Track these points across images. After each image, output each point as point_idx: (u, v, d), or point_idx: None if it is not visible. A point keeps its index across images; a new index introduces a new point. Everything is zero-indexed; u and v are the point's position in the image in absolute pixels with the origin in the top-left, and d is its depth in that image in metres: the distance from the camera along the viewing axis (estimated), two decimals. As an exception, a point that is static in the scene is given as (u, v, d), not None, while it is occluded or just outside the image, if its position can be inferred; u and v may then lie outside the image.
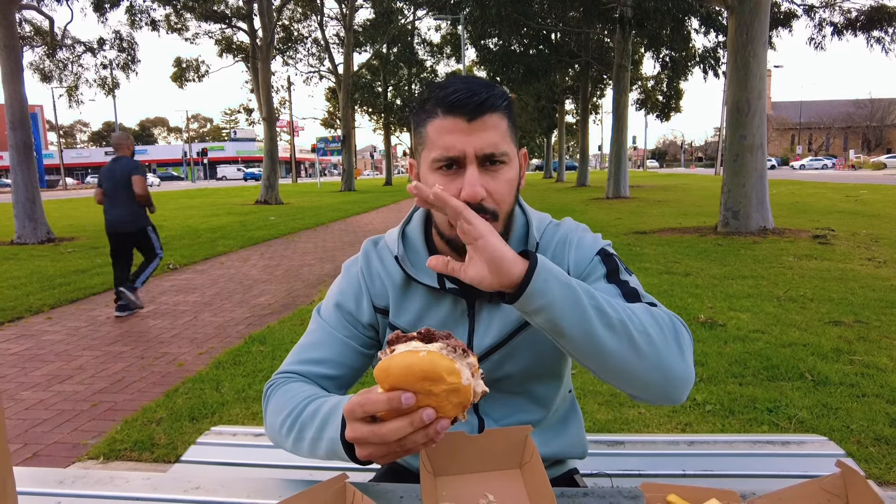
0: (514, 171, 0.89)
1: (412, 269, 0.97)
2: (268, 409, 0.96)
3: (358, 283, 1.01)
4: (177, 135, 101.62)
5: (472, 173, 0.84)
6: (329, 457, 0.85)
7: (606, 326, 0.75)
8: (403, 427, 0.66)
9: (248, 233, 11.60)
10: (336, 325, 1.00)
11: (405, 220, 1.04)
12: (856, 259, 6.88)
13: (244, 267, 7.85)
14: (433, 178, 0.87)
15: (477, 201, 0.83)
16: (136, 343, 4.40)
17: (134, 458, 2.60)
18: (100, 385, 3.53)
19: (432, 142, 0.87)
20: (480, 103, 0.83)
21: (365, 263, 1.03)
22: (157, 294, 6.15)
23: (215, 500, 0.86)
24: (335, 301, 1.01)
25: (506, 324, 0.97)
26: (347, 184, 30.09)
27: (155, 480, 0.92)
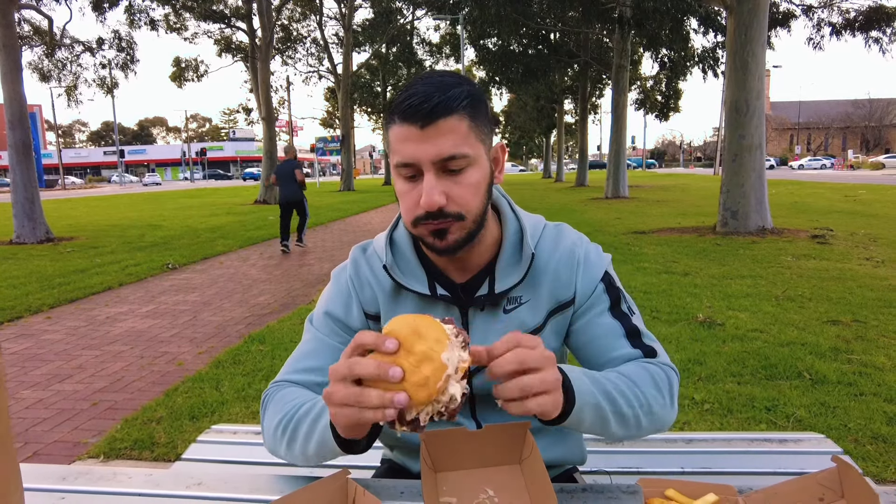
0: (481, 171, 0.87)
1: (401, 276, 0.96)
2: (265, 416, 0.95)
3: (347, 290, 1.00)
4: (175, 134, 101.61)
5: (428, 181, 0.83)
6: (319, 451, 0.83)
7: (621, 424, 0.84)
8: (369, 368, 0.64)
9: (247, 232, 11.61)
10: (327, 333, 0.99)
11: (392, 224, 1.02)
12: (854, 259, 6.90)
13: (243, 266, 7.86)
14: (398, 184, 0.88)
15: (434, 209, 0.83)
16: (136, 342, 4.40)
17: (134, 457, 2.60)
18: (99, 384, 3.53)
19: (393, 148, 0.86)
20: (431, 109, 0.81)
21: (354, 271, 1.01)
22: (156, 294, 6.16)
23: (217, 496, 0.87)
24: (325, 309, 1.00)
25: (502, 335, 0.96)
26: (346, 183, 30.10)
27: (157, 477, 0.93)
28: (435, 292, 0.94)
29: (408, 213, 0.87)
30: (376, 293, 0.99)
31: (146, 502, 0.86)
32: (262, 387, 3.38)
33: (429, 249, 0.91)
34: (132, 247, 9.60)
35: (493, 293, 0.93)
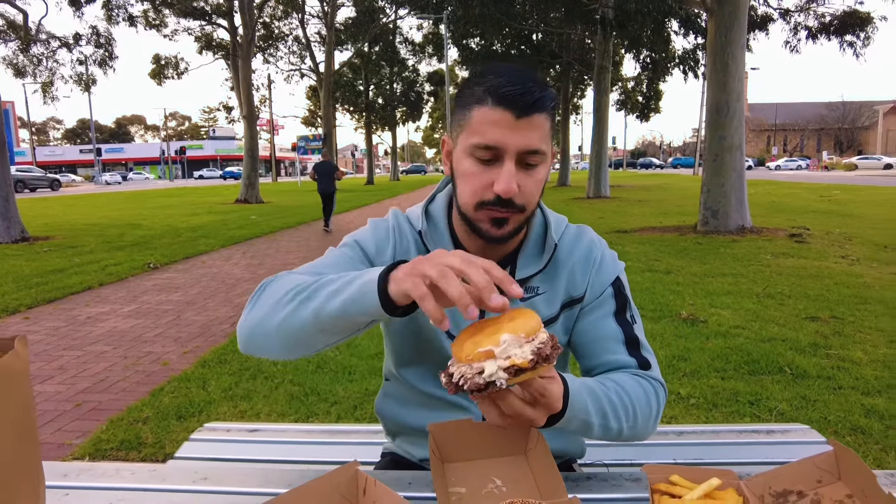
0: (547, 170, 0.91)
1: (433, 245, 0.98)
2: (267, 288, 0.88)
3: (387, 235, 1.00)
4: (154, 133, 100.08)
5: (509, 169, 0.85)
6: (344, 309, 0.76)
7: (603, 434, 0.87)
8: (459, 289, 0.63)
9: (229, 232, 11.49)
10: (354, 258, 0.97)
11: (429, 198, 1.05)
12: (830, 257, 7.06)
13: (226, 266, 7.78)
14: (467, 163, 0.88)
15: (509, 196, 0.85)
16: (119, 343, 4.34)
17: (121, 458, 2.57)
18: (83, 385, 3.48)
19: (474, 128, 0.86)
20: (533, 102, 0.83)
21: (396, 224, 1.02)
22: (138, 293, 6.07)
23: (226, 489, 0.87)
24: (355, 239, 0.99)
25: None
26: (329, 183, 29.89)
27: (162, 472, 0.92)
28: None
29: (473, 195, 0.88)
30: (411, 249, 1.00)
31: (153, 497, 0.86)
32: (250, 386, 3.36)
33: (478, 235, 0.92)
34: (112, 246, 9.44)
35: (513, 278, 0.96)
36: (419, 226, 0.99)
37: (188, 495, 0.86)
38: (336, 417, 2.97)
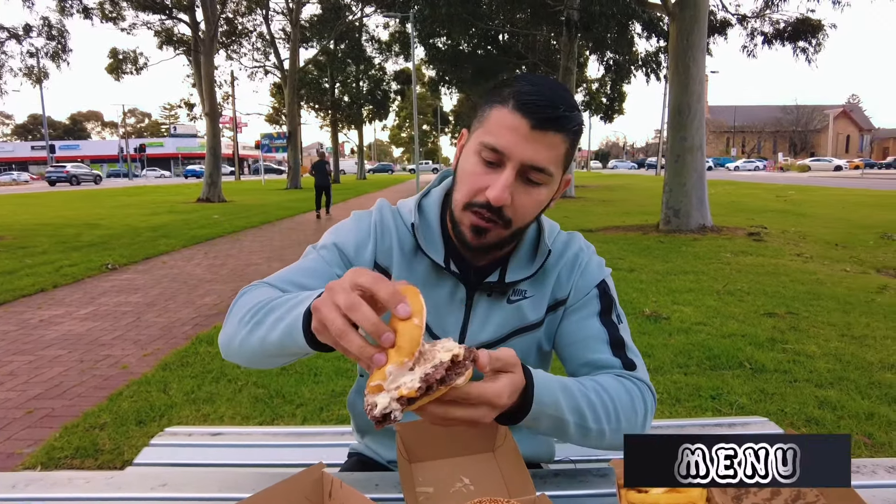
0: (549, 193, 0.89)
1: (424, 242, 0.95)
2: (238, 302, 0.90)
3: (368, 232, 0.97)
4: (112, 130, 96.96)
5: (506, 177, 0.83)
6: (282, 342, 0.76)
7: (582, 436, 0.83)
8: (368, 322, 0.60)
9: (190, 231, 11.21)
10: (330, 261, 0.95)
11: (423, 192, 1.02)
12: (786, 255, 7.31)
13: (188, 266, 7.59)
14: (471, 160, 0.87)
15: (499, 205, 0.83)
16: (75, 346, 4.18)
17: (76, 466, 2.47)
18: (35, 391, 3.34)
19: (489, 127, 0.85)
20: (552, 118, 0.81)
21: (379, 217, 0.99)
22: (95, 295, 5.86)
23: (185, 496, 0.85)
24: (334, 240, 0.97)
25: (502, 325, 0.97)
26: (293, 181, 29.49)
27: (119, 479, 0.89)
28: (448, 266, 0.95)
29: (465, 194, 0.87)
30: (394, 247, 0.97)
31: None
32: (213, 389, 3.28)
33: (456, 237, 0.92)
34: (67, 246, 9.09)
35: (503, 282, 0.95)
36: (411, 218, 0.96)
37: (147, 503, 0.83)
38: (302, 420, 2.92)
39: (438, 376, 0.60)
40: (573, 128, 0.84)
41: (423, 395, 0.60)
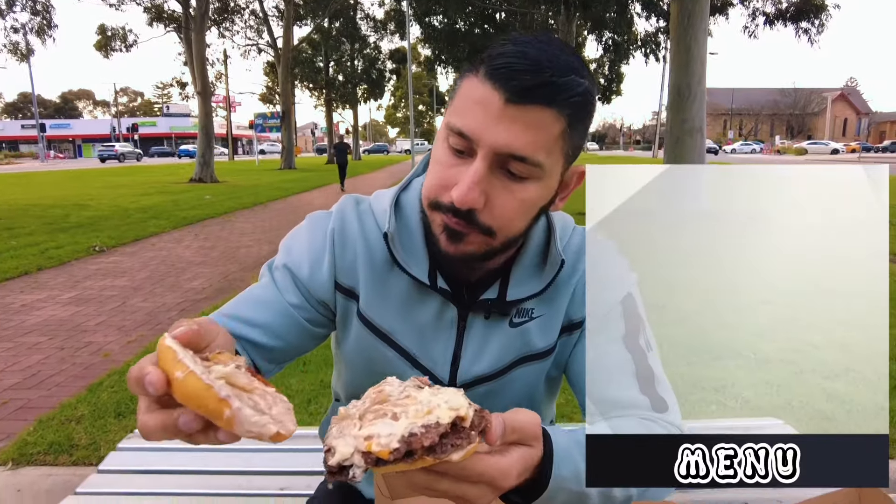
0: (544, 190, 0.68)
1: (400, 250, 0.77)
2: None
3: (323, 244, 0.79)
4: (104, 109, 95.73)
5: (474, 172, 0.63)
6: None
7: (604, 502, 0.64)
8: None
9: (181, 212, 11.02)
10: (283, 288, 0.80)
11: (401, 185, 0.82)
12: (786, 240, 7.21)
13: (177, 249, 7.43)
14: (440, 147, 0.68)
15: (465, 207, 0.65)
16: (56, 333, 4.04)
17: (49, 463, 2.35)
18: (11, 380, 3.20)
19: (456, 105, 0.66)
20: (533, 87, 0.60)
21: (339, 224, 0.80)
22: (80, 279, 5.71)
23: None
24: (284, 262, 0.81)
25: (503, 352, 0.79)
26: (287, 161, 29.16)
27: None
28: (435, 282, 0.76)
29: (431, 189, 0.69)
30: (359, 262, 0.79)
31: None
32: (197, 379, 3.15)
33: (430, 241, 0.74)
34: (54, 228, 8.90)
35: (504, 300, 0.77)
36: (385, 225, 0.76)
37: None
38: (290, 411, 2.80)
39: (427, 443, 0.45)
40: (571, 98, 0.62)
41: (397, 459, 0.45)
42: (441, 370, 0.80)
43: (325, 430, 0.98)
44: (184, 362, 0.45)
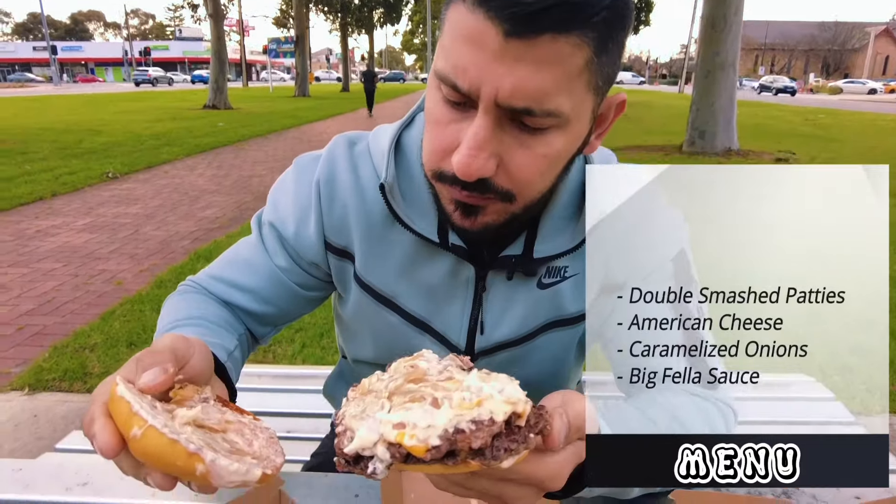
0: (571, 137, 0.54)
1: (402, 204, 0.65)
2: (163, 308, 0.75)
3: (308, 199, 0.69)
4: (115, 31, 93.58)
5: (477, 131, 0.50)
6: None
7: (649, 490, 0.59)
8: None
9: (194, 140, 10.87)
10: (272, 249, 0.72)
11: (403, 121, 0.69)
12: (816, 183, 6.93)
13: (190, 177, 7.35)
14: (434, 100, 0.55)
15: (469, 178, 0.52)
16: (70, 259, 4.04)
17: (64, 389, 2.37)
18: (26, 306, 3.22)
19: (444, 42, 0.51)
20: (539, 10, 0.45)
21: (327, 173, 0.69)
22: (94, 205, 5.68)
23: (106, 502, 0.66)
24: (270, 218, 0.72)
25: (528, 317, 0.69)
26: (301, 89, 28.50)
27: (28, 473, 0.70)
28: (446, 239, 0.65)
29: (431, 157, 0.57)
30: (352, 219, 0.68)
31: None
32: (209, 310, 3.15)
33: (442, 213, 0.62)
34: (68, 153, 8.83)
35: (530, 257, 0.66)
36: (382, 174, 0.65)
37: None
38: (301, 345, 2.79)
39: (478, 444, 0.35)
40: (595, 15, 0.47)
41: (435, 459, 0.36)
42: (456, 336, 0.71)
43: (331, 390, 0.91)
44: (140, 415, 0.37)
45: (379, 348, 0.76)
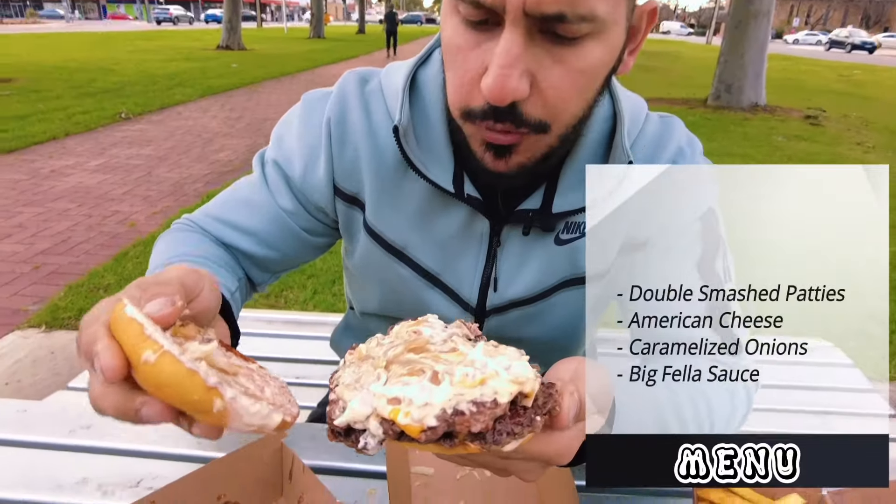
0: (608, 48, 0.49)
1: (416, 150, 0.61)
2: (155, 247, 0.71)
3: (317, 139, 0.65)
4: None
5: (508, 46, 0.45)
6: None
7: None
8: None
9: (207, 81, 10.71)
10: (276, 189, 0.67)
11: (418, 58, 0.64)
12: (845, 143, 6.71)
13: (203, 118, 7.27)
14: (452, 32, 0.50)
15: (505, 103, 0.47)
16: (84, 200, 4.05)
17: (78, 328, 2.41)
18: (42, 245, 3.25)
19: None
20: None
21: (338, 113, 0.64)
22: (107, 146, 5.66)
23: (109, 446, 0.65)
24: (275, 157, 0.68)
25: (544, 274, 0.65)
26: (316, 30, 27.77)
27: (32, 415, 0.69)
28: (461, 189, 0.61)
29: (459, 92, 0.52)
30: (363, 164, 0.64)
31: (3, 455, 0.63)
32: (222, 254, 3.16)
33: (470, 157, 0.56)
34: (80, 92, 8.75)
35: (549, 211, 0.62)
36: (396, 115, 0.60)
37: (53, 455, 0.63)
38: (312, 292, 2.80)
39: (478, 428, 0.32)
40: None
41: (429, 440, 0.33)
42: (468, 291, 0.68)
43: (337, 342, 0.89)
44: (154, 339, 0.33)
45: (387, 301, 0.73)
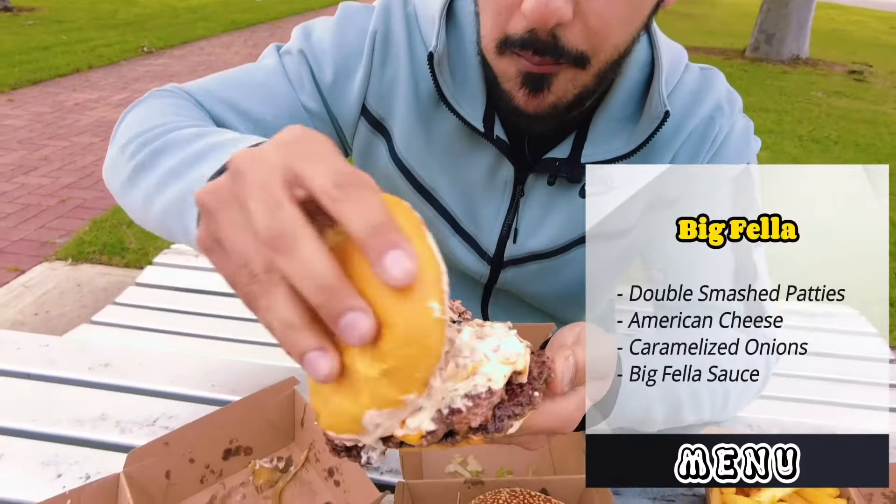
0: None
1: (450, 84, 0.57)
2: (130, 114, 0.59)
3: (359, 47, 0.60)
4: None
5: None
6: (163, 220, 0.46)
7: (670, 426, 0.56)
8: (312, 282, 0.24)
9: (230, 15, 10.49)
10: (298, 83, 0.60)
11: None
12: (891, 101, 6.38)
13: (226, 54, 7.16)
14: None
15: (549, 25, 0.44)
16: (108, 135, 4.01)
17: (104, 262, 2.46)
18: (67, 179, 3.28)
19: None
20: None
21: (384, 28, 0.59)
22: (129, 80, 5.62)
23: (127, 385, 0.66)
24: (301, 47, 0.61)
25: (566, 227, 0.63)
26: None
27: (54, 349, 0.71)
28: (491, 129, 0.58)
29: (496, 19, 0.48)
30: (400, 89, 0.60)
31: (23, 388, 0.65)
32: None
33: (501, 99, 0.53)
34: (103, 24, 8.65)
35: (577, 161, 0.59)
36: (432, 43, 0.56)
37: (73, 390, 0.65)
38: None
39: (477, 422, 0.30)
40: None
41: (430, 443, 0.31)
42: (487, 240, 0.66)
43: None
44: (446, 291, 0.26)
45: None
